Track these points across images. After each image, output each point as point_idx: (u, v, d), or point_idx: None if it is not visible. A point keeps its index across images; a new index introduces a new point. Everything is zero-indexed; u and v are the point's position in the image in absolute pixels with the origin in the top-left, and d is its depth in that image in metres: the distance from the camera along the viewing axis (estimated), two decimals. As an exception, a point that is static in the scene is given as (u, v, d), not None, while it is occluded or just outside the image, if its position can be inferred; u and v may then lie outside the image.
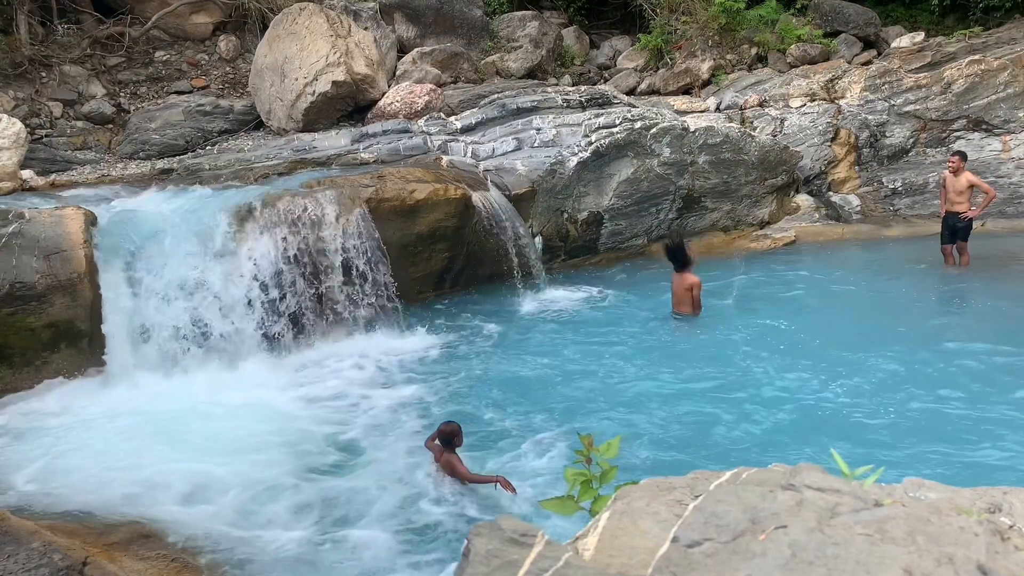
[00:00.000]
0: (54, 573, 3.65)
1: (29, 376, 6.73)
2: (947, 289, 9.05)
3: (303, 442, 5.85)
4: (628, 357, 7.25)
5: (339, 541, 4.64)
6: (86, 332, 6.89)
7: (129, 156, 10.72)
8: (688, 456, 5.40)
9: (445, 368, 7.22)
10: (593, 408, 6.31)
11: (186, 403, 6.47)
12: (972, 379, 6.36)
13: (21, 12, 11.25)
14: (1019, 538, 1.46)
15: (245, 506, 4.99)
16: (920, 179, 11.80)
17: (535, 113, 10.66)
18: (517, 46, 14.19)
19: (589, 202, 10.08)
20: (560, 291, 9.21)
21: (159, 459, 5.52)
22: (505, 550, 1.48)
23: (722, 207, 11.02)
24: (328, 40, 11.08)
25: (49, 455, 5.63)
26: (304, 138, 10.60)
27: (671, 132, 10.44)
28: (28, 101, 10.94)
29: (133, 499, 5.01)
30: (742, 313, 8.23)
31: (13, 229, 6.77)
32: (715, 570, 1.39)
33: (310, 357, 7.55)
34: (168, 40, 12.86)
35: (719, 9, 13.86)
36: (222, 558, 4.42)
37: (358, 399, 6.66)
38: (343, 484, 5.28)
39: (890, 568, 1.34)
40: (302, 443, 5.83)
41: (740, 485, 1.70)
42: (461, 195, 8.73)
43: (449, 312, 8.67)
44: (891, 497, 1.63)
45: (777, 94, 12.85)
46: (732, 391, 6.44)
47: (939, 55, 12.33)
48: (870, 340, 7.28)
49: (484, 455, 5.54)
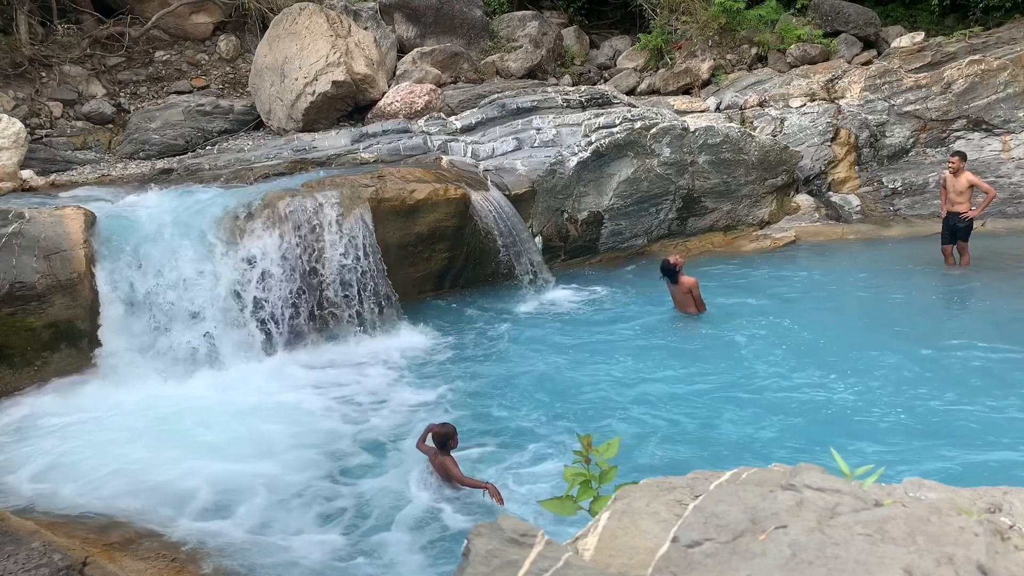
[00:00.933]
0: (54, 573, 3.65)
1: (29, 376, 6.73)
2: (947, 289, 9.04)
3: (301, 442, 5.85)
4: (629, 357, 7.25)
5: (340, 541, 4.64)
6: (86, 332, 6.90)
7: (129, 156, 10.72)
8: (688, 456, 5.40)
9: (445, 368, 7.22)
10: (594, 408, 6.31)
11: (186, 403, 6.48)
12: (972, 379, 6.36)
13: (21, 12, 11.25)
14: (1019, 538, 1.45)
15: (245, 506, 4.99)
16: (920, 179, 11.80)
17: (535, 113, 10.67)
18: (517, 46, 14.19)
19: (589, 202, 10.08)
20: (561, 291, 9.21)
21: (158, 458, 5.53)
22: (505, 550, 1.48)
23: (722, 207, 11.02)
24: (328, 40, 11.08)
25: (49, 455, 5.63)
26: (304, 138, 10.60)
27: (671, 132, 10.44)
28: (28, 101, 10.94)
29: (133, 498, 5.02)
30: (742, 313, 8.23)
31: (13, 229, 6.77)
32: (715, 570, 1.39)
33: (309, 357, 7.55)
34: (168, 40, 12.86)
35: (719, 9, 13.86)
36: (222, 557, 4.42)
37: (359, 399, 6.66)
38: (344, 484, 5.28)
39: (890, 568, 1.33)
40: (300, 443, 5.83)
41: (740, 485, 1.70)
42: (461, 195, 8.73)
43: (449, 312, 8.67)
44: (891, 497, 1.63)
45: (777, 94, 12.85)
46: (732, 391, 6.44)
47: (939, 55, 12.33)
48: (870, 340, 7.28)
49: (484, 456, 5.55)
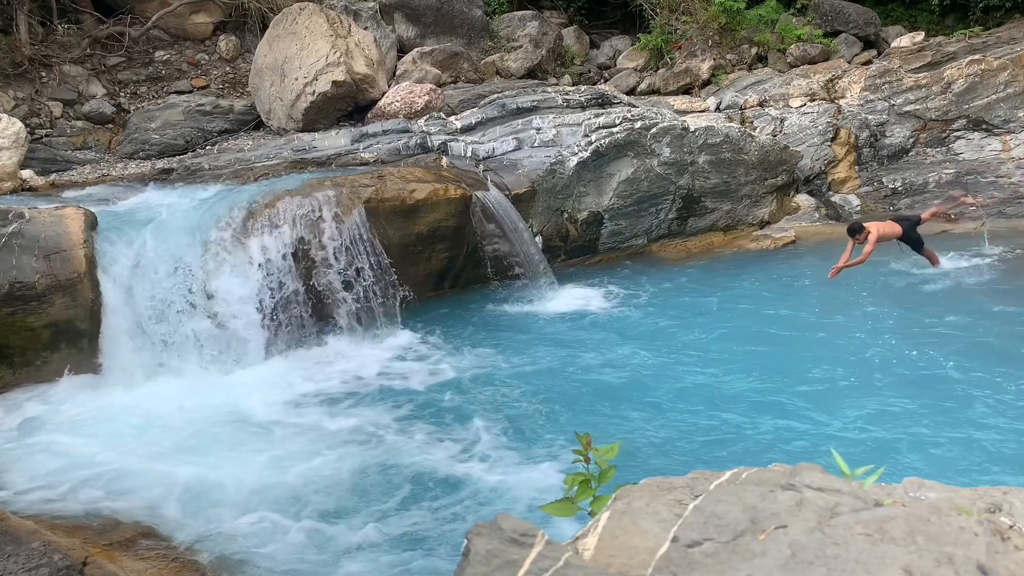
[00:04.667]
0: (54, 573, 3.65)
1: (29, 376, 6.73)
2: (948, 289, 9.04)
3: (300, 441, 5.85)
4: (630, 357, 7.25)
5: (339, 540, 4.64)
6: (86, 332, 6.89)
7: (129, 156, 10.72)
8: (688, 455, 5.41)
9: (445, 369, 7.22)
10: (595, 408, 6.31)
11: (185, 403, 6.47)
12: (973, 378, 6.36)
13: (21, 12, 11.25)
14: (1019, 538, 1.45)
15: (245, 505, 4.99)
16: (920, 179, 11.80)
17: (535, 113, 10.66)
18: (517, 46, 14.19)
19: (589, 202, 10.08)
20: (560, 291, 9.21)
21: (159, 458, 5.53)
22: (505, 550, 1.48)
23: (722, 207, 11.02)
24: (328, 40, 11.08)
25: (49, 454, 5.63)
26: (304, 138, 10.59)
27: (671, 132, 10.44)
28: (28, 101, 10.94)
29: (133, 498, 5.02)
30: (742, 313, 8.23)
31: (13, 229, 6.77)
32: (715, 570, 1.39)
33: (309, 358, 7.55)
34: (168, 40, 12.86)
35: (719, 9, 13.86)
36: (223, 557, 4.42)
37: (360, 400, 6.66)
38: (344, 484, 5.27)
39: (890, 568, 1.34)
40: (299, 442, 5.83)
41: (740, 485, 1.70)
42: (461, 195, 8.73)
43: (449, 312, 8.66)
44: (891, 497, 1.63)
45: (777, 94, 12.85)
46: (733, 391, 6.44)
47: (939, 55, 12.33)
48: (871, 339, 7.28)
49: (486, 456, 5.54)
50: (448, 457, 5.58)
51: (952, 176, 11.63)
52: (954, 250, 9.60)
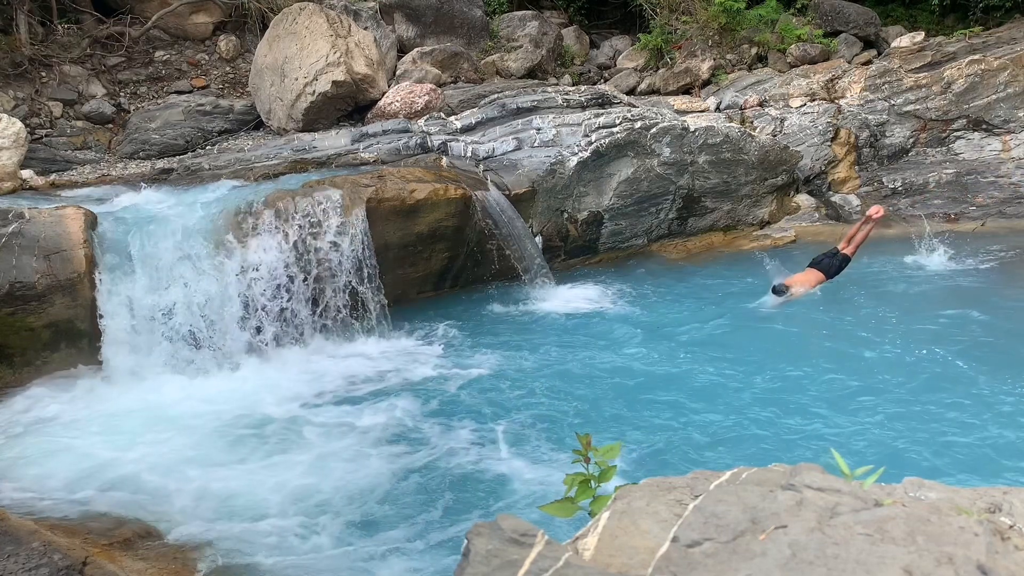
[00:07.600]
0: (54, 573, 3.65)
1: (29, 375, 6.73)
2: (948, 289, 9.04)
3: (301, 441, 5.85)
4: (630, 357, 7.25)
5: (339, 540, 4.64)
6: (86, 332, 6.90)
7: (129, 156, 10.72)
8: (688, 455, 5.41)
9: (444, 368, 7.22)
10: (596, 407, 6.32)
11: (185, 403, 6.48)
12: (973, 378, 6.37)
13: (21, 12, 11.24)
14: (1019, 538, 1.46)
15: (246, 505, 4.99)
16: (920, 179, 11.80)
17: (535, 113, 10.66)
18: (517, 46, 14.19)
19: (589, 202, 10.08)
20: (561, 291, 9.21)
21: (159, 458, 5.53)
22: (505, 550, 1.48)
23: (722, 207, 11.02)
24: (328, 40, 11.08)
25: (49, 454, 5.64)
26: (304, 138, 10.59)
27: (671, 132, 10.44)
28: (28, 101, 10.94)
29: (133, 498, 5.02)
30: (742, 313, 8.23)
31: (13, 229, 6.77)
32: (715, 570, 1.40)
33: (308, 358, 7.55)
34: (168, 40, 12.86)
35: (719, 9, 13.86)
36: (223, 558, 4.42)
37: (360, 400, 6.66)
38: (345, 483, 5.28)
39: (890, 568, 1.34)
40: (299, 442, 5.84)
41: (740, 485, 1.70)
42: (461, 195, 8.73)
43: (450, 313, 8.66)
44: (891, 497, 1.63)
45: (777, 94, 12.85)
46: (733, 391, 6.45)
47: (939, 55, 12.33)
48: (871, 339, 7.28)
49: (486, 456, 5.55)
50: (447, 454, 5.59)
51: (952, 176, 11.63)
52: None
